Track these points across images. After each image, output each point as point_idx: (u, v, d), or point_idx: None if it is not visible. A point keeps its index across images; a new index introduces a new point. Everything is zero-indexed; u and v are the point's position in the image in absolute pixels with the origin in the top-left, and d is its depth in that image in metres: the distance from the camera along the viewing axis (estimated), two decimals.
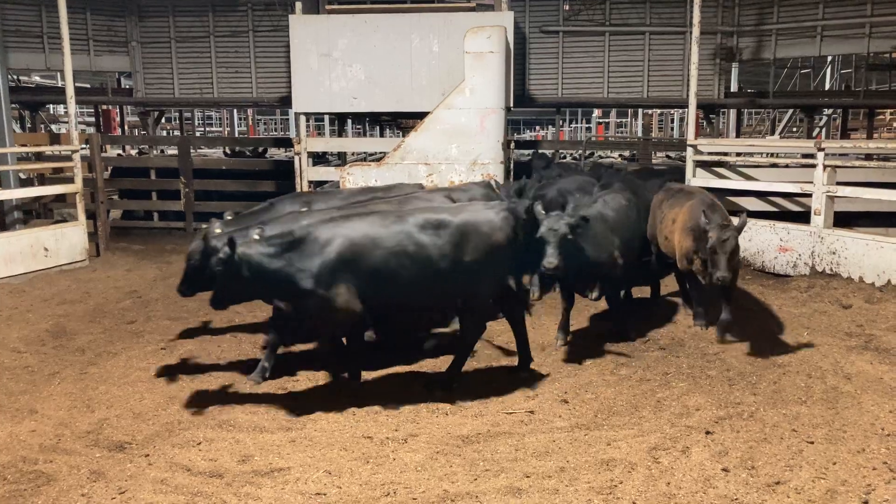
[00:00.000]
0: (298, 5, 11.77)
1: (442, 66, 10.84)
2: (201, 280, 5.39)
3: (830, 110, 18.95)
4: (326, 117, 24.18)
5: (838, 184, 8.74)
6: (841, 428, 4.66)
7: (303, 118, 11.93)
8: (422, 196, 6.59)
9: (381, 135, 23.73)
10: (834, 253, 8.48)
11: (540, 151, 13.94)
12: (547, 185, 8.58)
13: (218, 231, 5.37)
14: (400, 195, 6.62)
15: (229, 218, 6.21)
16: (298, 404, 5.22)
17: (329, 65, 11.07)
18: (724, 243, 5.85)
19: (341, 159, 15.87)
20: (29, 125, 18.10)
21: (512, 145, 12.54)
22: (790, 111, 19.76)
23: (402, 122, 22.85)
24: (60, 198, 12.25)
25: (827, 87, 19.31)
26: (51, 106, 22.91)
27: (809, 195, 8.94)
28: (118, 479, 4.13)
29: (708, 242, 5.92)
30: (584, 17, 14.57)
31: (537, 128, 39.70)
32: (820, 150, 8.72)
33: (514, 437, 4.64)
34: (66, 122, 16.36)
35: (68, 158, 11.20)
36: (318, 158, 13.66)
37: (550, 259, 5.60)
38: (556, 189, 8.25)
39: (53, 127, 21.10)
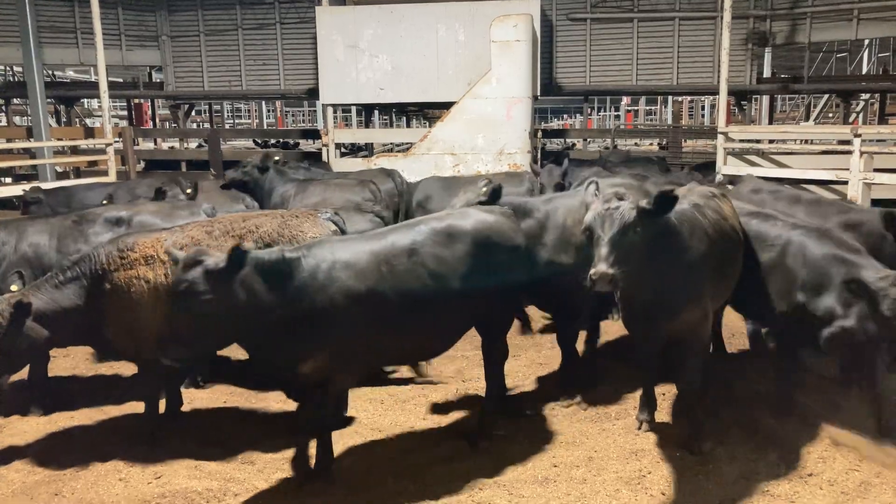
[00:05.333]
0: None
1: (468, 55, 10.81)
2: None
3: (868, 95, 18.45)
4: (353, 108, 24.29)
5: (875, 171, 8.53)
6: None
7: (330, 109, 12.02)
8: None
9: (408, 125, 23.76)
10: None
11: None
12: None
13: None
14: None
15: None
16: None
17: (355, 56, 11.11)
18: None
19: (368, 150, 15.95)
20: (64, 119, 18.51)
21: (539, 134, 12.47)
22: (826, 96, 19.29)
23: (428, 112, 22.90)
24: None
25: (864, 71, 18.80)
26: (85, 100, 23.34)
27: (845, 182, 8.74)
28: (154, 463, 4.23)
29: None
30: (612, 4, 14.37)
31: (565, 116, 39.31)
32: (856, 136, 8.51)
33: (542, 426, 4.63)
34: (100, 116, 16.68)
35: (102, 152, 11.45)
36: (347, 150, 13.75)
37: None
38: None
39: (88, 121, 21.50)
